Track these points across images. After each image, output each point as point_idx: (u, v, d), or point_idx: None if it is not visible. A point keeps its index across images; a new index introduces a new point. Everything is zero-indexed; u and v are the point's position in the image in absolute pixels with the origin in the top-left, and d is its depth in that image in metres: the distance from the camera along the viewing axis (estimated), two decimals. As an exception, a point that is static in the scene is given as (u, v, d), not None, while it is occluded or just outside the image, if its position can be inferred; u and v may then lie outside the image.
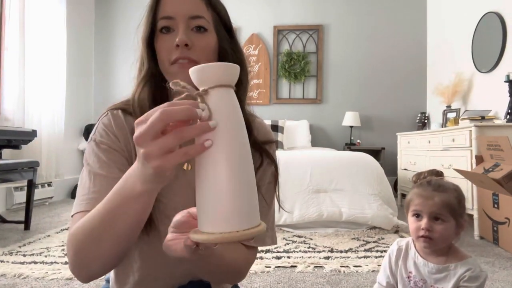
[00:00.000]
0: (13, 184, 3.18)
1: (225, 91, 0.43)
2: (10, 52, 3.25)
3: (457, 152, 2.65)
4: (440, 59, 4.14)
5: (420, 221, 0.96)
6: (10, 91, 3.24)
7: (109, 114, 0.71)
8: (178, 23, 0.67)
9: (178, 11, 0.67)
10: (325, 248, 2.09)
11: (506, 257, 1.96)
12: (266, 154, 0.75)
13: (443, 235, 0.93)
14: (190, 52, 0.66)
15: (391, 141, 4.22)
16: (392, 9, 4.53)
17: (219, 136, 0.41)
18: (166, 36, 0.68)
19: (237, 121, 0.43)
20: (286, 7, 4.63)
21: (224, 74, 0.43)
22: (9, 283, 1.59)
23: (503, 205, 2.09)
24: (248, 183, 0.43)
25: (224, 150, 0.41)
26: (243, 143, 0.43)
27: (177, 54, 0.66)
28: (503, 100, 2.78)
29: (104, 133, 0.69)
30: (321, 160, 2.79)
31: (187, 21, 0.67)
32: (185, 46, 0.65)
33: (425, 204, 0.95)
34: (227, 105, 0.43)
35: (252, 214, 0.43)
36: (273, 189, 0.77)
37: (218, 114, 0.42)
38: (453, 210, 0.94)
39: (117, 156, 0.67)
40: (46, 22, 3.67)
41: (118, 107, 0.73)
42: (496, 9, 3.06)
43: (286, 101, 4.61)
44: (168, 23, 0.67)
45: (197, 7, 0.68)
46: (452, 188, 0.98)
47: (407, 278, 1.01)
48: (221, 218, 0.41)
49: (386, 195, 2.61)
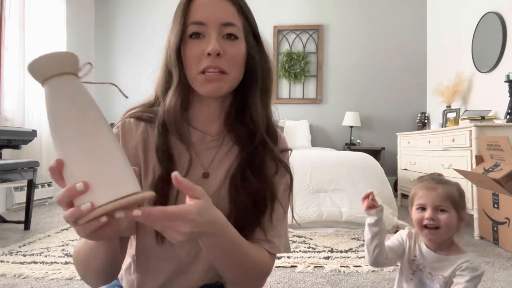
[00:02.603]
0: (13, 184, 3.18)
1: (63, 79, 0.46)
2: (10, 52, 3.25)
3: (457, 152, 2.65)
4: (440, 59, 4.14)
5: (424, 212, 0.99)
6: (10, 91, 3.24)
7: (119, 128, 0.70)
8: (209, 30, 0.64)
9: (210, 17, 0.64)
10: (325, 248, 2.09)
11: (506, 257, 1.96)
12: (281, 162, 0.74)
13: (447, 224, 0.96)
14: (221, 61, 0.64)
15: (391, 141, 4.23)
16: (392, 9, 4.53)
17: (63, 125, 0.45)
18: (196, 41, 0.65)
19: (79, 105, 0.46)
20: (286, 7, 4.63)
21: (56, 63, 0.45)
22: (9, 283, 1.59)
23: (503, 205, 2.09)
24: (104, 159, 0.45)
25: (69, 134, 0.45)
26: (89, 121, 0.46)
27: (208, 63, 0.63)
28: (503, 100, 2.78)
29: None
30: (321, 160, 2.79)
31: (219, 27, 0.64)
32: (216, 55, 0.63)
33: (428, 196, 0.99)
34: (65, 91, 0.46)
35: (118, 184, 0.45)
36: (287, 197, 0.76)
37: (57, 102, 0.45)
38: (455, 202, 0.98)
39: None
40: (46, 22, 3.67)
41: (134, 115, 0.71)
42: (496, 9, 3.05)
43: (286, 101, 4.61)
44: (199, 29, 0.64)
45: (230, 14, 0.66)
46: (453, 183, 1.03)
47: (412, 261, 1.04)
48: (96, 192, 0.44)
49: (386, 195, 2.61)
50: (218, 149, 0.73)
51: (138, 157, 0.69)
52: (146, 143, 0.70)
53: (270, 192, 0.71)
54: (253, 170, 0.70)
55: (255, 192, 0.69)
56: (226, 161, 0.73)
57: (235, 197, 0.69)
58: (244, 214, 0.68)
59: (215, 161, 0.73)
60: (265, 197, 0.70)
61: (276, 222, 0.72)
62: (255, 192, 0.69)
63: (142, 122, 0.71)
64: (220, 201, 0.70)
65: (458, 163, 2.60)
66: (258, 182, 0.69)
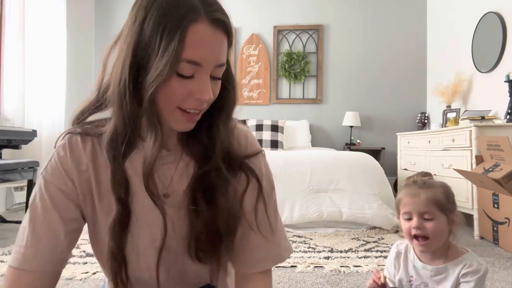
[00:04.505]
0: (13, 184, 3.18)
1: None
2: (10, 52, 3.25)
3: (457, 152, 2.65)
4: (440, 59, 4.14)
5: (411, 221, 0.97)
6: (10, 91, 3.24)
7: (66, 146, 0.65)
8: (202, 72, 0.57)
9: (208, 58, 0.56)
10: (325, 248, 2.09)
11: (506, 257, 1.96)
12: (249, 170, 0.68)
13: (435, 231, 0.94)
14: (206, 104, 0.60)
15: (391, 141, 4.23)
16: (392, 9, 4.53)
17: None
18: (185, 81, 0.56)
19: None
20: (286, 7, 4.63)
21: None
22: (9, 283, 1.59)
23: (503, 205, 2.09)
24: None
25: None
26: None
27: (194, 106, 0.58)
28: (503, 100, 2.78)
29: (56, 171, 0.64)
30: (321, 160, 2.79)
31: (213, 69, 0.58)
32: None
33: (412, 203, 0.96)
34: None
35: None
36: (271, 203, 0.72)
37: None
38: (441, 206, 0.94)
39: (63, 201, 0.64)
40: (46, 22, 3.67)
41: (79, 129, 0.66)
42: (496, 9, 3.05)
43: (286, 101, 4.61)
44: (193, 69, 0.56)
45: (224, 52, 0.59)
46: (439, 185, 0.99)
47: (408, 282, 1.01)
48: None
49: (386, 195, 2.61)
50: (177, 164, 0.68)
51: (90, 181, 0.65)
52: (96, 162, 0.65)
53: (231, 215, 0.66)
54: (206, 196, 0.65)
55: (208, 219, 0.65)
56: (184, 178, 0.68)
57: (192, 220, 0.66)
58: (207, 238, 0.65)
59: (174, 178, 0.68)
60: (227, 220, 0.65)
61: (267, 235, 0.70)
62: (208, 219, 0.65)
63: (89, 137, 0.65)
64: (180, 222, 0.68)
65: (458, 163, 2.60)
66: (210, 208, 0.65)
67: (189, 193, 0.66)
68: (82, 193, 0.65)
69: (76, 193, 0.65)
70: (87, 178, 0.65)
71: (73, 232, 0.66)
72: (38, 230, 0.63)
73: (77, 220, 0.67)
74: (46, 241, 0.63)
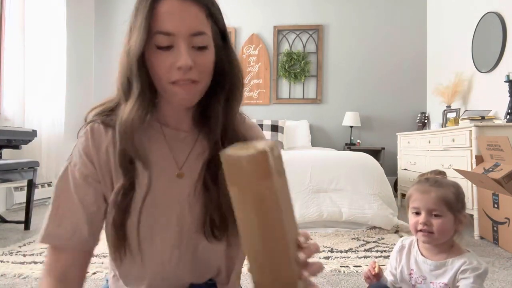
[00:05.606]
0: (13, 184, 3.18)
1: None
2: (10, 52, 3.25)
3: (457, 152, 2.65)
4: (440, 59, 4.14)
5: (419, 216, 0.99)
6: (10, 91, 3.24)
7: (88, 132, 0.69)
8: (178, 41, 0.61)
9: (179, 26, 0.60)
10: (325, 248, 2.09)
11: (506, 257, 1.96)
12: None
13: (441, 229, 0.95)
14: (192, 73, 0.62)
15: (391, 141, 4.22)
16: (392, 9, 4.53)
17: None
18: (164, 53, 0.61)
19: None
20: (286, 7, 4.63)
21: None
22: (9, 283, 1.59)
23: (503, 205, 2.09)
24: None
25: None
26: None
27: (179, 76, 0.62)
28: (503, 100, 2.78)
29: (81, 159, 0.68)
30: (321, 160, 2.79)
31: (188, 38, 0.61)
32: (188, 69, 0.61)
33: (422, 199, 0.98)
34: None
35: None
36: None
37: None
38: (450, 205, 0.96)
39: (87, 188, 0.67)
40: (46, 22, 3.67)
41: (99, 119, 0.70)
42: (496, 9, 3.05)
43: (286, 101, 4.61)
44: (168, 40, 0.60)
45: (199, 21, 0.62)
46: (450, 184, 1.01)
47: (408, 275, 1.03)
48: None
49: (386, 195, 2.61)
50: (193, 145, 0.72)
51: (109, 162, 0.68)
52: (115, 146, 0.68)
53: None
54: (213, 178, 0.68)
55: (216, 200, 0.68)
56: (200, 160, 0.71)
57: (205, 201, 0.69)
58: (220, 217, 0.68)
59: (190, 159, 0.71)
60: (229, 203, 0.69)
61: None
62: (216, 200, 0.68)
63: (110, 127, 0.69)
64: (195, 203, 0.70)
65: (458, 163, 2.60)
66: (217, 190, 0.68)
67: (202, 174, 0.69)
68: (101, 174, 0.68)
69: (98, 177, 0.68)
70: (106, 160, 0.68)
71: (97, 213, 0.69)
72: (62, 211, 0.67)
73: (100, 201, 0.69)
74: (74, 220, 0.66)
